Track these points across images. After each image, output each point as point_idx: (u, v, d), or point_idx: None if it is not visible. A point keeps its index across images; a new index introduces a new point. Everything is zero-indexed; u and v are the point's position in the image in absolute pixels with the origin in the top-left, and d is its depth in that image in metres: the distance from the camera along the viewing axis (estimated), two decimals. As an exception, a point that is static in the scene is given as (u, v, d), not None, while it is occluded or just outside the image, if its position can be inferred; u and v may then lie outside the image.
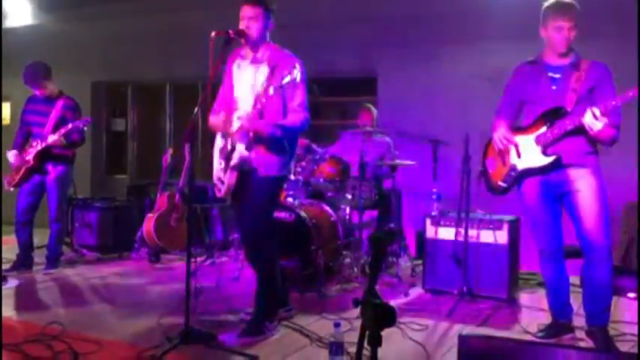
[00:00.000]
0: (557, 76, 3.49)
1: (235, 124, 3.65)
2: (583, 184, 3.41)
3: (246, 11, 3.62)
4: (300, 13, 6.67)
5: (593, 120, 3.19)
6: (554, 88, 3.49)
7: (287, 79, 3.39)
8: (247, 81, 3.73)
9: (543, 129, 3.47)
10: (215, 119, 3.85)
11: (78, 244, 6.51)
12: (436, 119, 6.31)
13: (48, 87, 5.43)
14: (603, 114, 3.18)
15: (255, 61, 3.72)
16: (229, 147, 3.67)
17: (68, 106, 5.47)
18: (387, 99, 6.87)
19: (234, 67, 3.83)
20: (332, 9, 7.06)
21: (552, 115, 3.44)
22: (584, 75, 3.40)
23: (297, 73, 3.40)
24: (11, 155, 5.45)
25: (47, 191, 5.50)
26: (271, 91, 3.46)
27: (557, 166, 3.45)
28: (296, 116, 3.65)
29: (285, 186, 4.77)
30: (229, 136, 3.70)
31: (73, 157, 5.58)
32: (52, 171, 5.44)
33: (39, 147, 5.33)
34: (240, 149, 3.58)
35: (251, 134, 3.58)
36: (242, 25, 3.62)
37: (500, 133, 3.61)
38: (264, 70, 3.65)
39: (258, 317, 3.72)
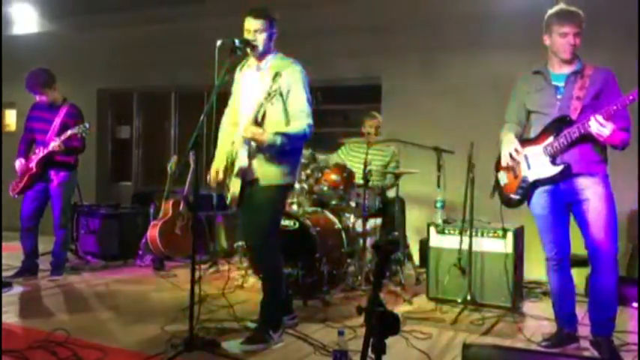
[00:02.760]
0: (561, 84, 3.51)
1: (239, 133, 3.67)
2: (592, 192, 3.42)
3: (251, 24, 3.63)
4: (304, 20, 6.70)
5: (599, 127, 3.22)
6: (559, 97, 3.50)
7: (273, 88, 3.40)
8: (251, 90, 3.75)
9: (550, 139, 3.49)
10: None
11: (83, 251, 6.53)
12: (440, 127, 6.32)
13: (50, 94, 5.41)
14: (607, 119, 3.21)
15: (258, 70, 3.75)
16: (233, 155, 3.69)
17: (71, 113, 5.46)
18: (391, 106, 6.88)
19: (241, 77, 3.86)
20: (335, 16, 7.08)
21: (558, 125, 3.45)
22: (589, 82, 3.42)
23: (277, 86, 3.41)
24: (18, 164, 5.46)
25: (51, 198, 5.50)
26: (258, 106, 3.47)
27: (566, 174, 3.46)
28: (298, 123, 3.64)
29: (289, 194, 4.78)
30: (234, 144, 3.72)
31: (75, 164, 5.59)
32: (55, 178, 5.45)
33: (41, 154, 5.33)
34: (242, 157, 3.59)
35: (252, 143, 3.59)
36: (249, 38, 3.64)
37: (509, 150, 3.63)
38: (266, 79, 3.66)
39: (262, 325, 3.72)
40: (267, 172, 3.66)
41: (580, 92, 3.41)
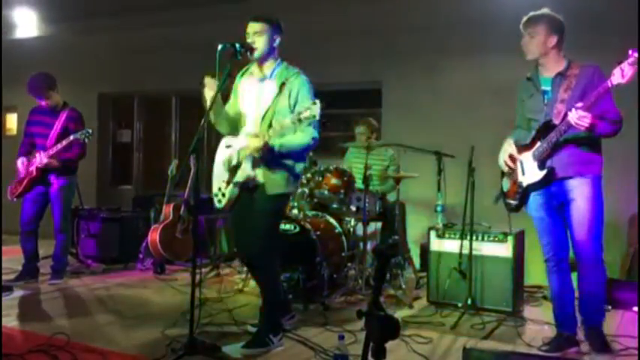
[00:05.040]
0: (548, 89, 3.58)
1: (243, 141, 3.65)
2: (578, 193, 3.47)
3: (251, 27, 3.65)
4: (304, 25, 6.71)
5: (577, 118, 3.22)
6: (545, 102, 3.57)
7: (306, 114, 3.28)
8: (254, 97, 3.74)
9: (538, 144, 3.55)
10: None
11: (83, 255, 6.53)
12: (440, 131, 6.33)
13: (52, 97, 5.42)
14: (588, 109, 3.22)
15: (262, 78, 3.75)
16: (234, 162, 3.68)
17: (71, 118, 5.46)
18: (391, 110, 6.89)
19: (242, 83, 3.86)
20: (335, 21, 7.10)
21: (544, 130, 3.51)
22: (574, 82, 3.45)
23: (314, 112, 3.27)
24: (20, 162, 5.43)
25: (51, 202, 5.50)
26: (284, 127, 3.40)
27: (551, 179, 3.51)
28: (302, 136, 3.59)
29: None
30: (235, 150, 3.70)
31: (75, 168, 5.58)
32: (55, 182, 5.43)
33: (39, 163, 5.31)
34: (247, 168, 3.59)
35: (256, 154, 3.59)
36: (249, 41, 3.65)
37: (504, 155, 3.75)
38: (271, 88, 3.66)
39: (263, 329, 3.71)
40: (273, 181, 3.65)
41: (565, 94, 3.46)
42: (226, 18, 7.30)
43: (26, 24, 9.20)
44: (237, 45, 3.57)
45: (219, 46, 3.52)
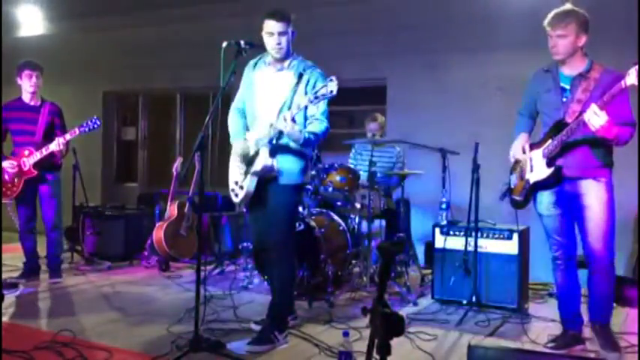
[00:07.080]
0: (567, 86, 3.52)
1: (264, 131, 3.63)
2: (592, 198, 3.45)
3: (275, 27, 3.60)
4: (307, 22, 6.69)
5: (593, 116, 3.18)
6: (564, 100, 3.52)
7: (323, 90, 3.34)
8: (271, 88, 3.75)
9: (548, 142, 3.52)
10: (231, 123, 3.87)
11: (88, 252, 6.54)
12: (445, 128, 6.31)
13: (40, 80, 5.37)
14: (602, 108, 3.18)
15: (281, 70, 3.76)
16: (252, 152, 3.69)
17: (55, 112, 5.41)
18: (396, 107, 6.88)
19: (257, 76, 3.85)
20: (340, 18, 7.09)
21: (556, 129, 3.49)
22: (593, 84, 3.41)
23: (325, 90, 3.33)
24: (9, 165, 5.21)
25: (43, 201, 5.38)
26: (301, 106, 3.47)
27: (558, 177, 3.49)
28: (319, 125, 3.66)
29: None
30: (251, 141, 3.72)
31: (61, 164, 5.51)
32: (50, 179, 5.36)
33: (38, 155, 5.19)
34: (264, 155, 3.58)
35: (274, 141, 3.60)
36: (273, 41, 3.62)
37: (520, 143, 3.71)
38: (289, 78, 3.69)
39: (269, 326, 3.72)
40: (289, 171, 3.68)
41: (582, 95, 3.41)
42: (231, 15, 7.32)
43: (31, 22, 9.21)
44: (242, 42, 3.57)
45: (224, 44, 3.52)
